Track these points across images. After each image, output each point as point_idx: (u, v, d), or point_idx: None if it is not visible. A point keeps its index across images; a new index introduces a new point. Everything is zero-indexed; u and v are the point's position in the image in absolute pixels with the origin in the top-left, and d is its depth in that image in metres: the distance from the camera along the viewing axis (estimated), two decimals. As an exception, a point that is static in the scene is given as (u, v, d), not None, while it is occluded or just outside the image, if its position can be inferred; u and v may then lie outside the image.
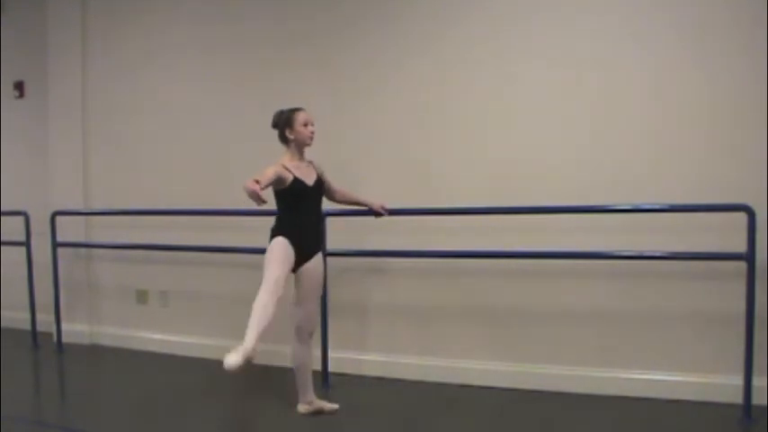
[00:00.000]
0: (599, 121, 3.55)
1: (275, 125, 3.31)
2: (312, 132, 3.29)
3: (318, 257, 3.34)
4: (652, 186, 3.42)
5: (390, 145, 4.00)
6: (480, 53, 3.78)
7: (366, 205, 3.57)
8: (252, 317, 2.93)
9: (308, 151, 3.35)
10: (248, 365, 2.77)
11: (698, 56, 3.36)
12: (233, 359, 2.74)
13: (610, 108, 3.53)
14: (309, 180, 3.28)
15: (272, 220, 3.29)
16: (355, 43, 4.09)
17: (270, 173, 3.04)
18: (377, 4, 4.03)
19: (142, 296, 4.84)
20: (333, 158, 3.66)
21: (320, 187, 3.35)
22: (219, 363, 4.31)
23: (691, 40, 3.37)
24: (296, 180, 3.20)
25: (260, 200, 2.81)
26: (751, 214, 3.04)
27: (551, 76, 3.62)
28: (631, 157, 3.48)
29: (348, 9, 4.10)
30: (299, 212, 3.25)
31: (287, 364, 3.44)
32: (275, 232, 3.22)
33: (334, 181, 3.49)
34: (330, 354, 3.86)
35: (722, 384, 3.28)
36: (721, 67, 3.32)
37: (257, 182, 2.82)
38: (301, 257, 3.23)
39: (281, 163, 3.20)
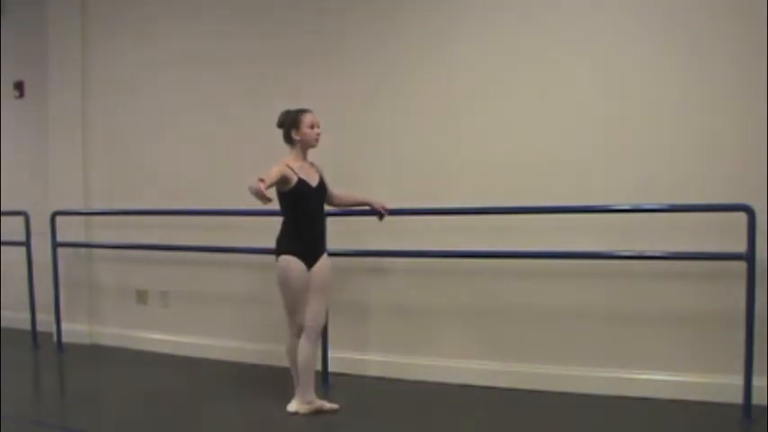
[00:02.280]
0: (599, 122, 3.55)
1: (281, 125, 3.31)
2: (318, 134, 3.30)
3: (325, 257, 3.35)
4: (652, 186, 3.42)
5: (390, 145, 4.00)
6: (481, 55, 3.77)
7: (367, 204, 3.56)
8: (300, 374, 3.29)
9: (310, 152, 3.35)
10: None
11: (698, 56, 3.36)
12: (296, 407, 3.30)
13: (609, 109, 3.53)
14: (313, 181, 3.28)
15: (272, 221, 3.29)
16: (356, 46, 4.08)
17: (274, 172, 3.06)
18: (378, 8, 4.03)
19: (142, 296, 4.84)
20: (333, 159, 3.67)
21: (323, 188, 3.35)
22: (220, 363, 4.37)
23: (691, 41, 3.37)
24: (300, 181, 3.20)
25: (265, 198, 2.81)
26: (751, 214, 3.04)
27: (551, 77, 3.62)
28: (631, 157, 3.48)
29: (350, 13, 4.09)
30: (304, 214, 3.25)
31: (287, 364, 3.44)
32: (282, 245, 3.22)
33: (334, 183, 3.49)
34: (330, 354, 3.86)
35: (722, 384, 3.28)
36: (721, 67, 3.32)
37: (262, 180, 2.83)
38: (308, 261, 3.24)
39: (285, 163, 3.21)
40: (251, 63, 4.38)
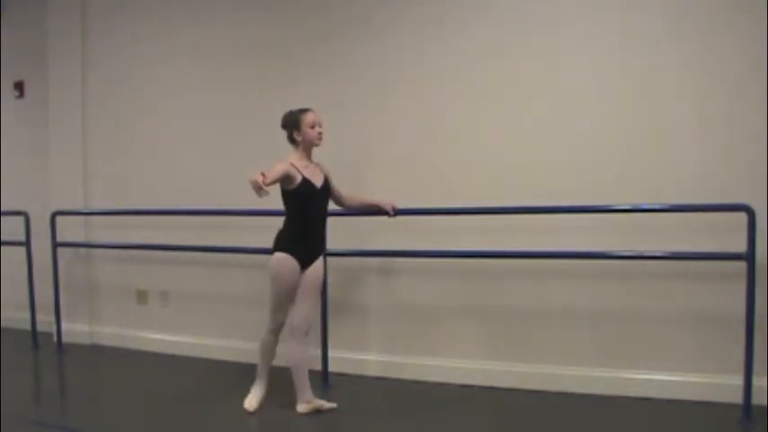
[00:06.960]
0: (599, 122, 3.55)
1: (284, 126, 3.32)
2: (320, 133, 3.30)
3: (320, 259, 3.34)
4: (652, 186, 3.42)
5: (392, 146, 3.99)
6: (483, 54, 3.77)
7: (377, 206, 3.57)
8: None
9: (313, 152, 3.36)
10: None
11: (697, 55, 3.36)
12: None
13: (610, 109, 3.53)
14: (317, 182, 3.29)
15: (273, 220, 3.29)
16: (358, 44, 4.08)
17: (278, 169, 3.07)
18: (379, 7, 4.03)
19: (142, 296, 4.84)
20: (336, 159, 3.67)
21: (327, 189, 3.35)
22: (219, 363, 4.37)
23: (690, 40, 3.37)
24: (305, 180, 3.20)
25: (261, 191, 2.82)
26: (751, 214, 3.04)
27: (552, 77, 3.62)
28: (631, 157, 3.48)
29: (350, 11, 4.09)
30: (307, 214, 3.25)
31: (286, 363, 3.44)
32: (280, 243, 3.22)
33: (340, 185, 3.49)
34: (330, 354, 3.86)
35: (722, 384, 3.28)
36: (721, 67, 3.32)
37: (263, 175, 2.84)
38: (305, 261, 3.24)
39: (289, 161, 3.21)
40: (253, 56, 4.37)
